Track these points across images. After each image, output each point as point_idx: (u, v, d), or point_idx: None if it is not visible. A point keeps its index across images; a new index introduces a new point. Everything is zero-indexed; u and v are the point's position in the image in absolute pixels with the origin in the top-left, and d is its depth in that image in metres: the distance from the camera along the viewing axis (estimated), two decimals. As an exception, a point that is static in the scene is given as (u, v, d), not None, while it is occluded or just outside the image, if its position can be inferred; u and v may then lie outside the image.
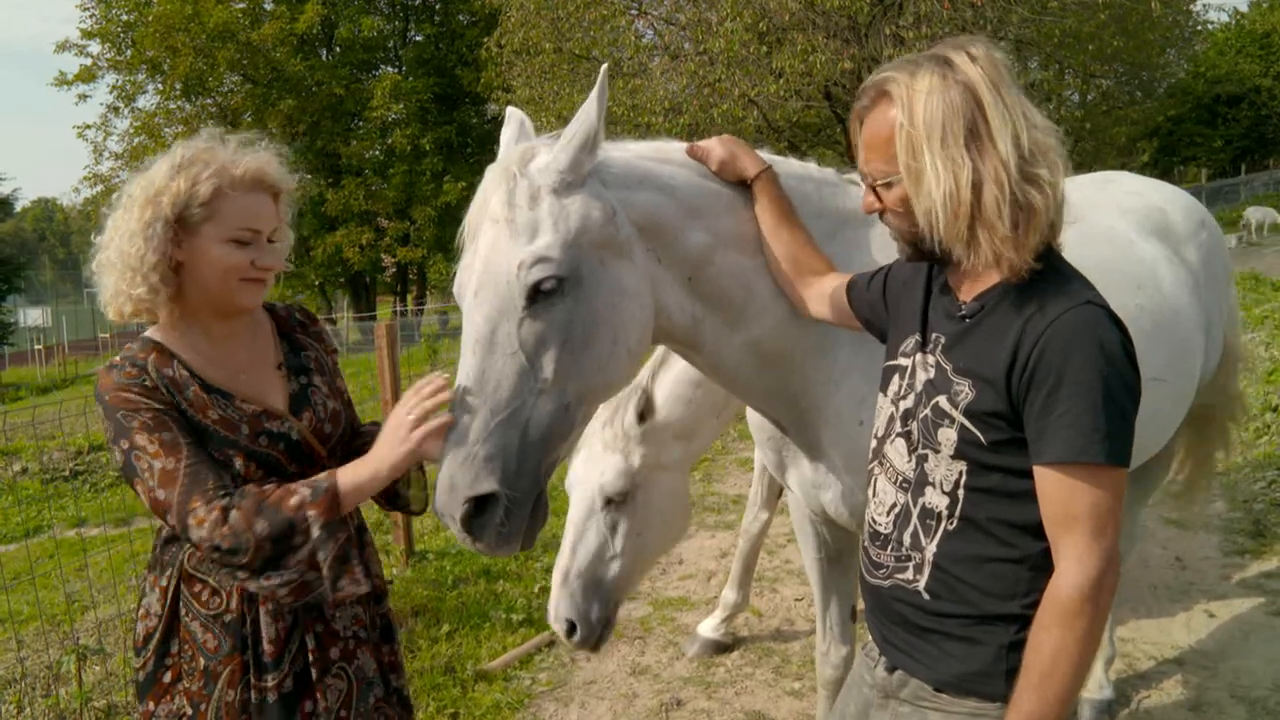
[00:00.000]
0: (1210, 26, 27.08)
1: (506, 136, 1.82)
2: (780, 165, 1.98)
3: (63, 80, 26.86)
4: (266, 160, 1.77)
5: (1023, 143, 1.36)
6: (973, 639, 1.45)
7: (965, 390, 1.42)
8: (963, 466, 1.43)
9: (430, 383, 1.63)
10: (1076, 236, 1.66)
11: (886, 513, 1.56)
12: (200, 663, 1.71)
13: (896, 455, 1.54)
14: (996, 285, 1.43)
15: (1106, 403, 1.30)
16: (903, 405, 1.54)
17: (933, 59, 1.41)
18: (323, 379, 1.90)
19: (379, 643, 1.94)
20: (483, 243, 1.62)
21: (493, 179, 1.65)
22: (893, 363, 1.62)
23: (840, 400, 2.00)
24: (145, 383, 1.64)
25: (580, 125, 1.63)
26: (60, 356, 28.43)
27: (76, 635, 4.25)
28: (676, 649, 4.10)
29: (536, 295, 1.57)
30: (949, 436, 1.44)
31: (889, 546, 1.55)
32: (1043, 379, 1.32)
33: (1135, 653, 3.76)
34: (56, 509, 8.04)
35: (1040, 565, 1.40)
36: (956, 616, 1.46)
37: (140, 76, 26.70)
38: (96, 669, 3.92)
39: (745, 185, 1.89)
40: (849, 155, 17.26)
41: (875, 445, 1.63)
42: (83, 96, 28.35)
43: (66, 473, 8.93)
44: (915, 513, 1.50)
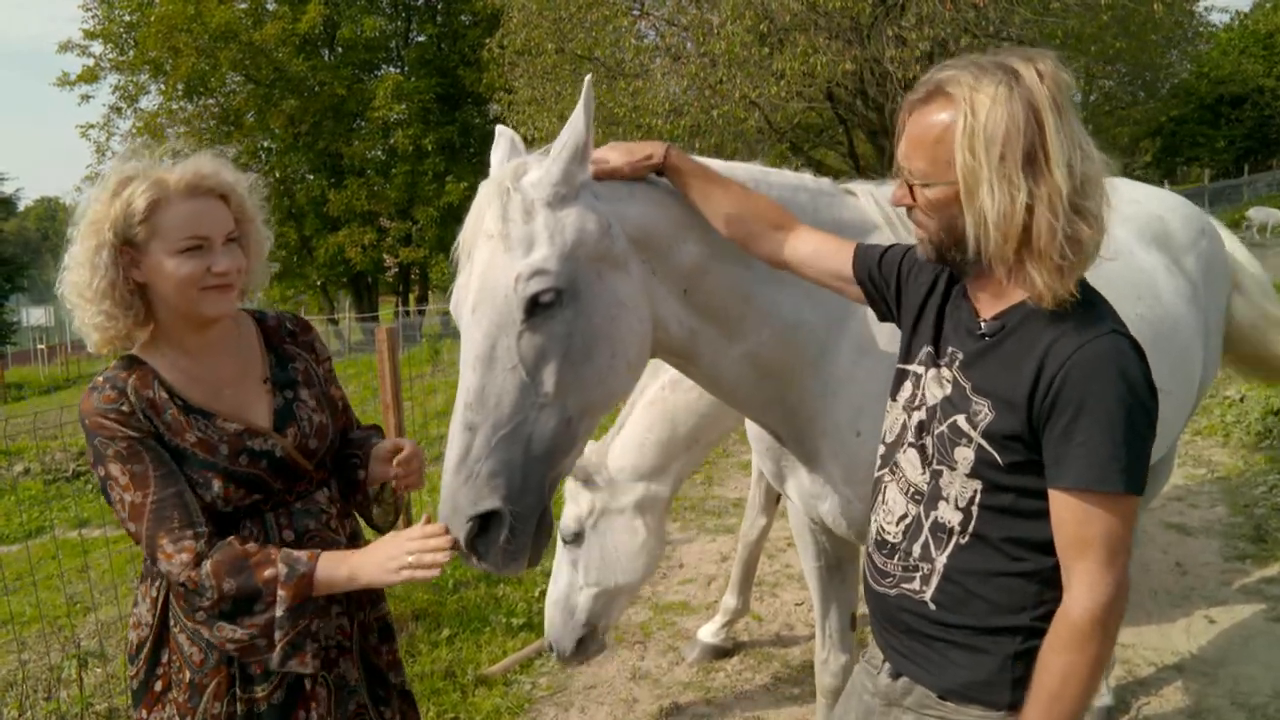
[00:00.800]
0: (1213, 28, 27.00)
1: (497, 156, 1.81)
2: (772, 176, 1.97)
3: (65, 80, 26.88)
4: (202, 163, 1.73)
5: (1076, 173, 1.33)
6: (979, 648, 1.46)
7: (985, 411, 1.41)
8: (978, 485, 1.43)
9: (441, 535, 1.59)
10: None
11: (896, 522, 1.55)
12: (186, 675, 1.71)
13: (910, 467, 1.54)
14: (1019, 305, 1.42)
15: (1127, 433, 1.30)
16: (916, 416, 1.54)
17: (1000, 67, 1.36)
18: (310, 391, 1.88)
19: (378, 644, 1.95)
20: (478, 259, 1.61)
21: (486, 195, 1.64)
22: (905, 367, 1.60)
23: (838, 412, 2.00)
24: (123, 408, 1.63)
25: (570, 136, 1.62)
26: (63, 356, 28.45)
27: (78, 638, 4.25)
28: (677, 654, 4.10)
29: (535, 308, 1.57)
30: (966, 456, 1.44)
31: (896, 556, 1.55)
32: (1065, 406, 1.32)
33: (1135, 659, 3.75)
34: (58, 510, 8.04)
35: (1049, 579, 1.41)
36: (963, 627, 1.47)
37: (143, 77, 26.69)
38: (98, 671, 3.93)
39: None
40: (851, 157, 17.27)
41: (885, 452, 1.62)
42: (85, 97, 28.46)
43: (68, 473, 8.91)
44: (927, 526, 1.50)
